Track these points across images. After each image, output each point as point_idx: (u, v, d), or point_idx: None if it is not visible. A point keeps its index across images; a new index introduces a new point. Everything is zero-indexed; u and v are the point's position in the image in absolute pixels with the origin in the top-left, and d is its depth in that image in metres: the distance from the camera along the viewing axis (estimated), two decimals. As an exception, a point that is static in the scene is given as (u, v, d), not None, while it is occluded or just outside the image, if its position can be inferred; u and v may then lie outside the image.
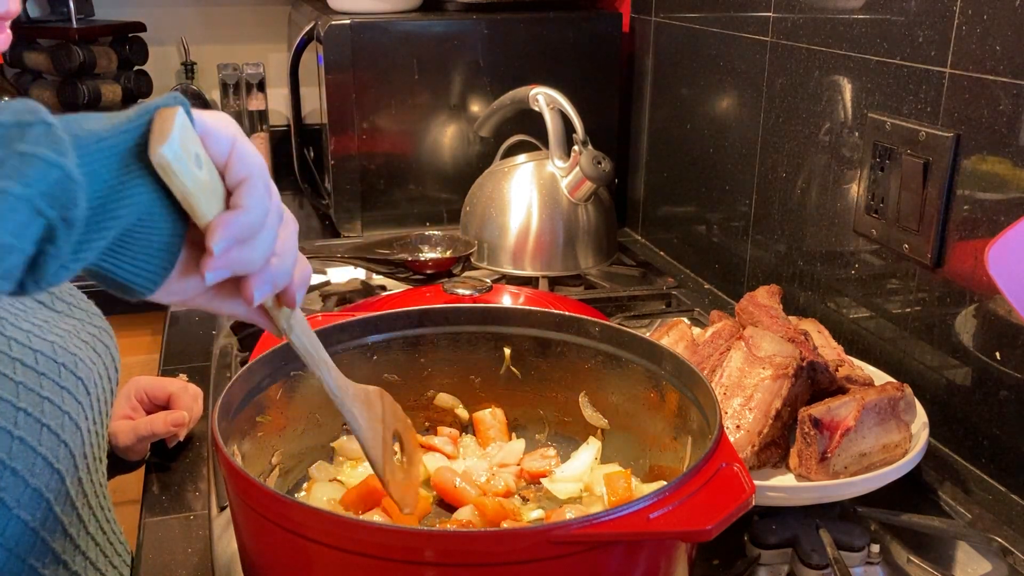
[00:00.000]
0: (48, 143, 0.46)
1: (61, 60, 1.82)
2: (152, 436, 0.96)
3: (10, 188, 0.44)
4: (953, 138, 0.97)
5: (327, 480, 0.87)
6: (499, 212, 1.51)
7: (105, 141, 0.49)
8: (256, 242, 0.55)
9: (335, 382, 0.69)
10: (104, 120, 0.50)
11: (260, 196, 0.55)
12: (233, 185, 0.55)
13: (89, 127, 0.49)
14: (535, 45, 1.69)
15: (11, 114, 0.47)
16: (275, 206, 0.57)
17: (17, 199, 0.45)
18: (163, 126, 0.50)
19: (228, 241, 0.53)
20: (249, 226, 0.54)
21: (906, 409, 0.91)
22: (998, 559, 0.86)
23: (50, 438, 0.73)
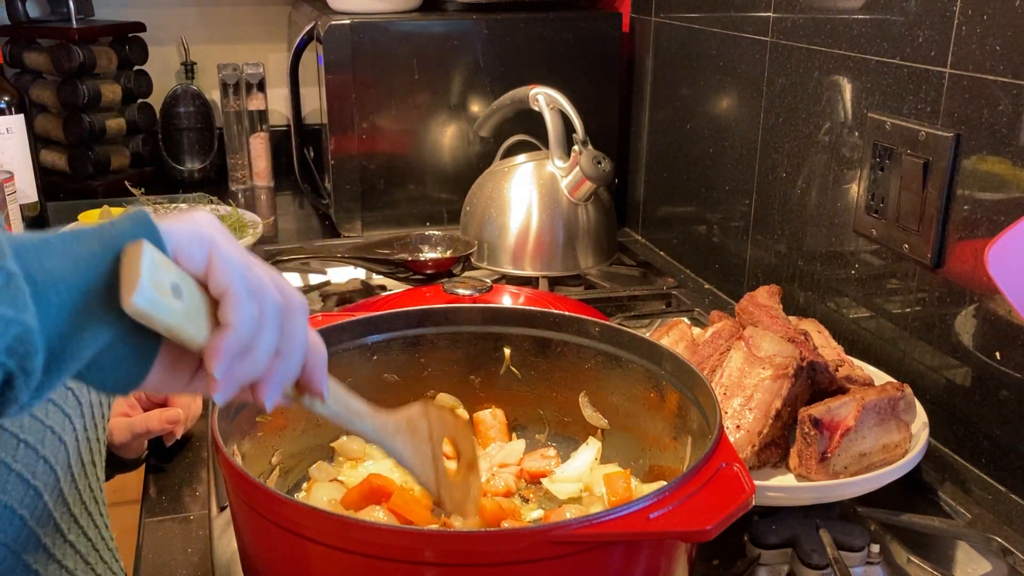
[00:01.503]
0: (8, 297, 0.45)
1: (61, 60, 1.82)
2: (147, 433, 0.96)
3: None
4: (953, 138, 0.97)
5: (327, 480, 0.87)
6: (499, 212, 1.51)
7: (64, 281, 0.47)
8: (255, 353, 0.54)
9: (373, 427, 0.67)
10: (65, 252, 0.48)
11: (246, 308, 0.53)
12: (217, 296, 0.53)
13: (49, 267, 0.47)
14: (535, 45, 1.69)
15: None
16: (272, 303, 0.55)
17: None
18: (131, 270, 0.48)
19: (227, 363, 0.53)
20: (241, 341, 0.53)
21: (906, 409, 0.91)
22: (998, 559, 0.86)
23: (27, 454, 0.72)
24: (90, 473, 0.82)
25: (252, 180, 2.09)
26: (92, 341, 0.49)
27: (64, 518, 0.77)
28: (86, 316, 0.48)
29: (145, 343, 0.52)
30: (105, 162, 1.94)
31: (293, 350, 0.57)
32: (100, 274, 0.49)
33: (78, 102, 1.83)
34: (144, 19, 1.99)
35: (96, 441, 0.83)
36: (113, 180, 1.92)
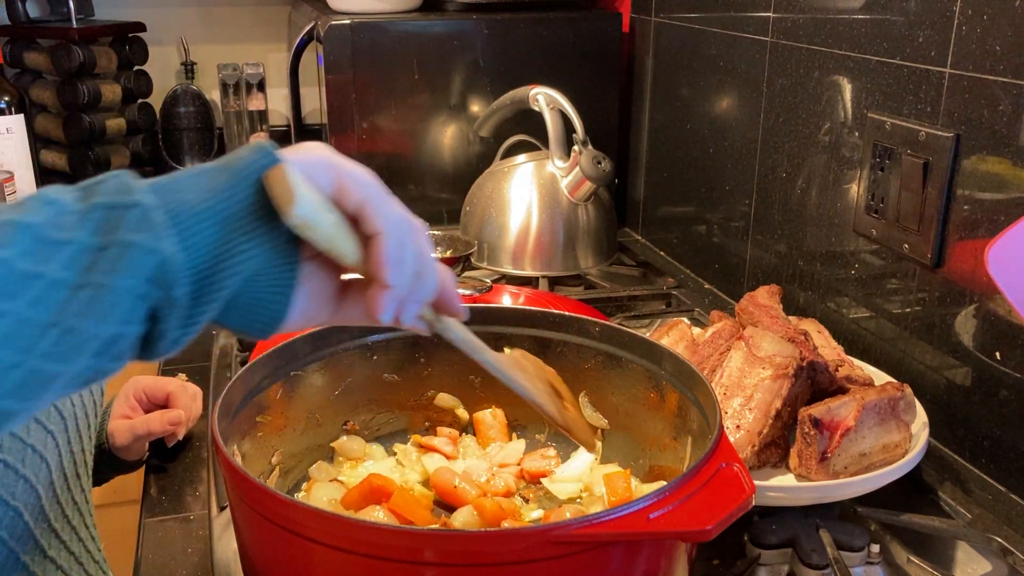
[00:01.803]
0: (146, 227, 0.46)
1: (61, 60, 1.82)
2: (149, 435, 0.96)
3: (112, 281, 0.45)
4: (953, 138, 0.97)
5: (327, 480, 0.87)
6: (499, 212, 1.51)
7: (203, 214, 0.48)
8: (404, 264, 0.54)
9: (495, 359, 0.68)
10: (198, 186, 0.49)
11: (389, 215, 0.53)
12: (355, 212, 0.53)
13: (184, 198, 0.49)
14: (535, 45, 1.69)
15: (107, 195, 0.47)
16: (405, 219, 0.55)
17: (120, 292, 0.46)
18: (283, 188, 0.49)
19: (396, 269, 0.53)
20: (397, 249, 0.53)
21: (906, 409, 0.91)
22: (998, 559, 0.86)
23: (6, 473, 0.71)
24: (74, 486, 0.81)
25: (252, 180, 2.08)
26: (237, 269, 0.49)
27: (45, 535, 0.76)
28: (228, 245, 0.49)
29: (286, 270, 0.52)
30: (105, 162, 1.94)
31: (428, 267, 0.57)
32: (239, 202, 0.49)
33: (78, 102, 1.83)
34: (144, 19, 1.99)
35: (81, 453, 0.82)
36: (113, 180, 1.92)
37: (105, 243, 0.46)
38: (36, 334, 0.44)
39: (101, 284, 0.45)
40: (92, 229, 0.46)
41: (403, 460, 0.91)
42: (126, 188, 0.48)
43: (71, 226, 0.46)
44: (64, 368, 0.46)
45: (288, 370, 0.84)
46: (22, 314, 0.43)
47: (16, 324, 0.43)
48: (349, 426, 0.92)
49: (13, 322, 0.43)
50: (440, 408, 0.96)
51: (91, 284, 0.45)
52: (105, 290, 0.45)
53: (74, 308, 0.45)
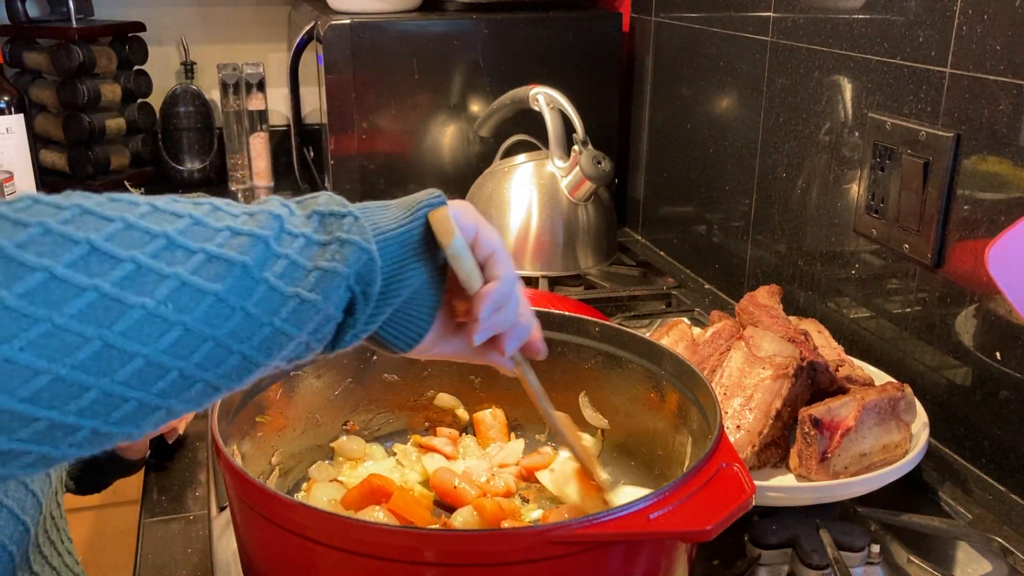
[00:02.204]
0: (359, 231, 0.57)
1: (61, 60, 1.82)
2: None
3: (339, 269, 0.55)
4: (953, 138, 0.97)
5: (327, 480, 0.87)
6: (499, 212, 1.51)
7: (391, 233, 0.60)
8: (509, 306, 0.65)
9: (554, 416, 0.77)
10: (385, 214, 0.61)
11: (508, 267, 0.65)
12: (483, 259, 0.64)
13: (377, 219, 0.60)
14: (535, 45, 1.69)
15: (325, 204, 0.58)
16: (515, 272, 0.67)
17: (341, 277, 0.55)
18: (445, 225, 0.61)
19: (491, 308, 0.64)
20: (504, 294, 0.64)
21: (906, 409, 0.91)
22: (998, 559, 0.86)
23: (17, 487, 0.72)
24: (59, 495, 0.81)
25: (252, 180, 2.09)
26: (409, 283, 0.60)
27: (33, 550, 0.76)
28: (405, 262, 0.60)
29: (435, 294, 0.63)
30: (105, 162, 1.94)
31: (526, 313, 0.69)
32: (415, 230, 0.61)
33: (78, 102, 1.83)
34: (144, 19, 1.99)
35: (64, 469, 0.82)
36: (113, 180, 1.92)
37: (327, 239, 0.56)
38: (280, 301, 0.52)
39: (327, 269, 0.54)
40: (316, 227, 0.56)
41: (403, 460, 0.91)
42: (338, 200, 0.59)
43: (300, 223, 0.55)
44: (297, 332, 0.54)
45: (288, 370, 0.84)
46: (274, 284, 0.52)
47: (268, 291, 0.52)
48: (349, 426, 0.92)
49: (265, 289, 0.51)
50: (440, 408, 0.96)
51: (320, 268, 0.54)
52: (331, 274, 0.54)
53: (308, 285, 0.54)
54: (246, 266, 0.51)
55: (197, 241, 0.50)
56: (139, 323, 0.46)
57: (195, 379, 0.50)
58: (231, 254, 0.51)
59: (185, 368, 0.49)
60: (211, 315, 0.49)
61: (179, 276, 0.48)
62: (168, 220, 0.50)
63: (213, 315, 0.49)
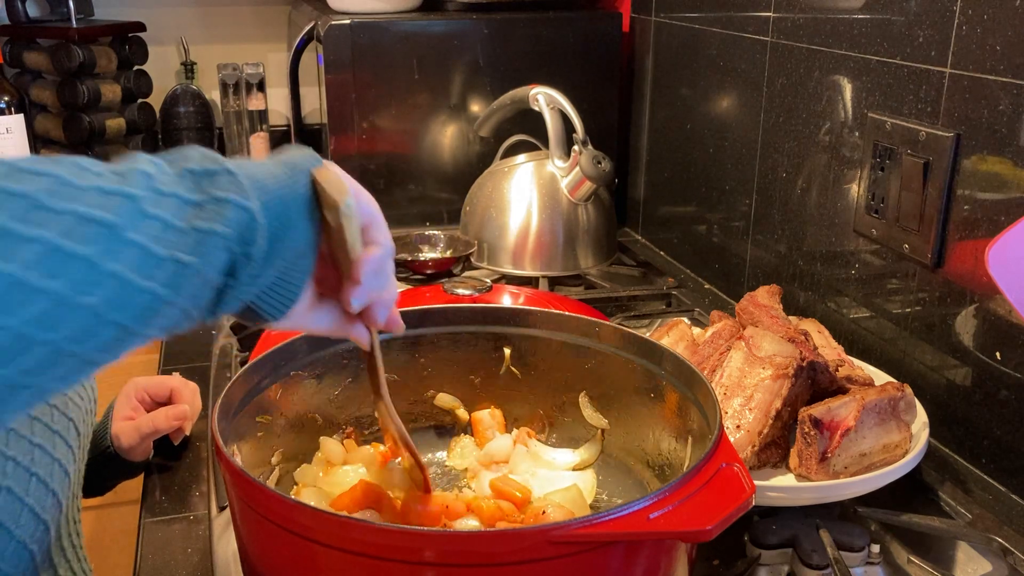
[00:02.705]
0: (237, 188, 0.53)
1: (61, 60, 1.82)
2: (155, 432, 0.96)
3: (217, 229, 0.52)
4: (953, 138, 0.97)
5: (312, 485, 0.86)
6: (499, 212, 1.51)
7: (274, 191, 0.56)
8: (386, 273, 0.65)
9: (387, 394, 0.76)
10: (263, 171, 0.57)
11: (386, 233, 0.64)
12: (364, 223, 0.62)
13: (257, 175, 0.56)
14: (535, 45, 1.69)
15: (196, 161, 0.54)
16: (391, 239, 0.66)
17: (221, 238, 0.52)
18: (337, 184, 0.58)
19: (373, 273, 0.62)
20: (383, 260, 0.63)
21: (906, 409, 0.91)
22: (998, 559, 0.86)
23: (38, 487, 0.72)
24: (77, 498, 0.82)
25: (252, 180, 2.08)
26: (293, 245, 0.57)
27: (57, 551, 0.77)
28: (290, 221, 0.56)
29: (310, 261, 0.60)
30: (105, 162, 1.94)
31: (394, 282, 0.67)
32: (299, 188, 0.58)
33: (78, 102, 1.83)
34: (144, 19, 1.99)
35: (81, 472, 0.83)
36: (113, 180, 1.92)
37: (203, 198, 0.52)
38: (155, 264, 0.49)
39: (206, 230, 0.51)
40: (188, 186, 0.52)
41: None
42: (212, 157, 0.54)
43: (171, 183, 0.51)
44: (174, 298, 0.50)
45: (288, 370, 0.84)
46: (148, 247, 0.48)
47: (141, 254, 0.48)
48: (346, 432, 0.92)
49: (138, 252, 0.48)
50: (440, 408, 0.96)
51: (197, 230, 0.51)
52: (209, 235, 0.51)
53: (185, 247, 0.50)
54: (116, 227, 0.47)
55: (63, 201, 0.46)
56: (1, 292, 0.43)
57: (65, 353, 0.46)
58: (100, 215, 0.47)
59: (55, 341, 0.45)
60: (81, 281, 0.45)
61: (45, 240, 0.44)
62: (30, 179, 0.46)
63: (83, 281, 0.45)
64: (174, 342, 1.30)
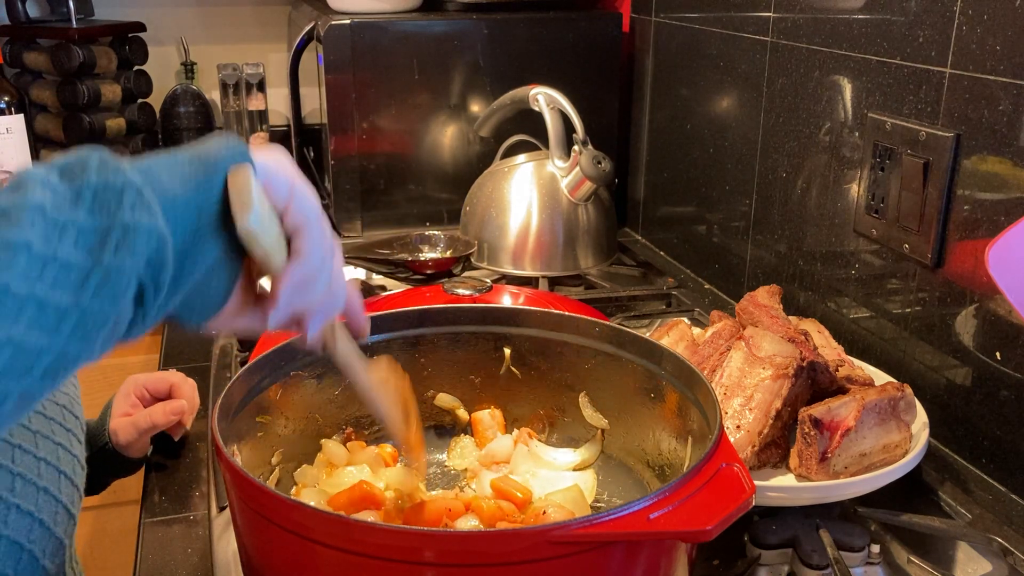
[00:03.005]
0: (144, 210, 0.47)
1: (61, 60, 1.82)
2: (152, 428, 0.96)
3: (122, 262, 0.46)
4: (953, 138, 0.97)
5: (313, 486, 0.86)
6: (499, 212, 1.51)
7: (180, 200, 0.50)
8: (314, 285, 0.59)
9: (368, 383, 0.72)
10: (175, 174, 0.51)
11: (318, 242, 0.57)
12: (292, 230, 0.57)
13: (166, 184, 0.50)
14: (535, 45, 1.69)
15: (96, 174, 0.47)
16: (329, 243, 0.59)
17: (128, 272, 0.47)
18: (242, 193, 0.52)
19: (292, 290, 0.57)
20: (309, 272, 0.57)
21: (906, 409, 0.91)
22: (998, 559, 0.86)
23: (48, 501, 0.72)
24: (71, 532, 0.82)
25: (252, 180, 2.08)
26: (204, 259, 0.52)
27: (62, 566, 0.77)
28: (200, 235, 0.51)
29: (232, 267, 0.55)
30: (105, 162, 1.94)
31: (339, 288, 0.61)
32: (210, 196, 0.52)
33: (78, 102, 1.83)
34: (144, 19, 1.99)
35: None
36: (113, 180, 1.92)
37: (106, 224, 0.46)
38: (57, 318, 0.44)
39: (111, 265, 0.46)
40: (89, 209, 0.46)
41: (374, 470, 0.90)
42: (113, 168, 0.48)
43: (67, 208, 0.46)
44: (82, 349, 0.46)
45: (288, 370, 0.84)
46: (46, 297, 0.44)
47: (39, 308, 0.44)
48: (347, 433, 0.92)
49: (36, 306, 0.43)
50: (440, 408, 0.96)
51: (101, 265, 0.46)
52: (115, 272, 0.46)
53: (89, 291, 0.45)
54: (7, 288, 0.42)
55: None
56: None
57: None
58: None
59: None
60: None
61: None
62: None
63: None
64: (174, 342, 1.30)
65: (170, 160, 0.52)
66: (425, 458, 0.81)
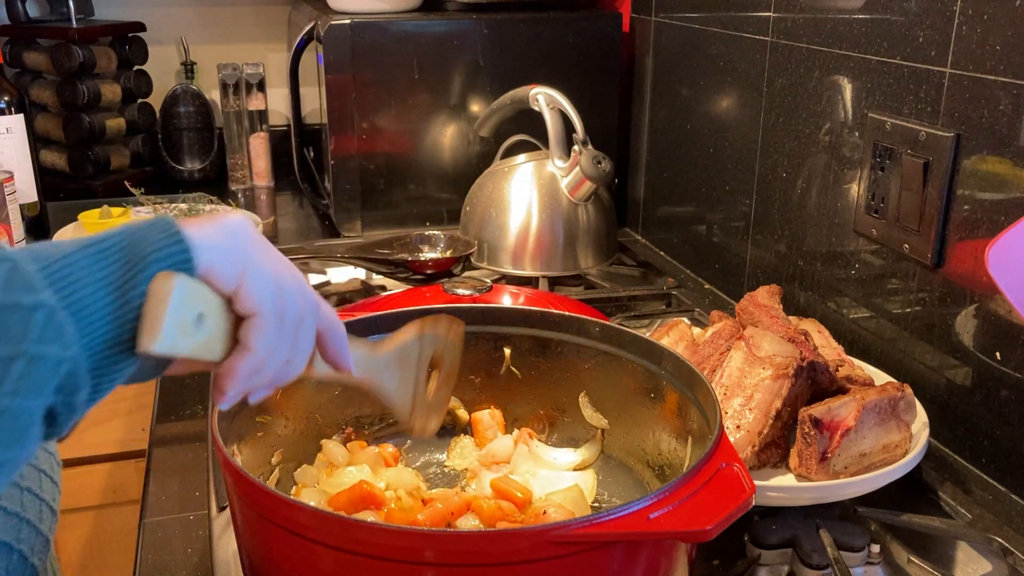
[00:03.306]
0: (54, 333, 0.43)
1: (61, 60, 1.82)
2: None
3: (22, 403, 0.43)
4: (953, 138, 0.97)
5: (313, 486, 0.86)
6: (499, 212, 1.51)
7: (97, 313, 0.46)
8: (265, 371, 0.55)
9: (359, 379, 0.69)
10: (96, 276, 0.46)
11: (270, 334, 0.53)
12: (243, 315, 0.52)
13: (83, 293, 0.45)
14: (535, 45, 1.69)
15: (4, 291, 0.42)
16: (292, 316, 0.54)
17: (32, 414, 0.43)
18: (155, 312, 0.47)
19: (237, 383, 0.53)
20: (257, 364, 0.53)
21: (906, 409, 0.91)
22: (998, 559, 0.86)
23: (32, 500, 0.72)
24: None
25: (252, 180, 2.09)
26: (127, 368, 0.48)
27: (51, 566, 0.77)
28: (122, 347, 0.47)
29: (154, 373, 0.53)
30: (105, 162, 1.94)
31: (299, 356, 0.57)
32: (131, 303, 0.47)
33: (78, 102, 1.83)
34: (144, 19, 1.99)
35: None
36: (113, 180, 1.93)
37: (11, 353, 0.42)
38: None
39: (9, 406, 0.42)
40: None
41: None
42: (23, 283, 0.43)
43: None
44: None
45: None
46: None
47: None
48: (347, 433, 0.92)
49: None
50: (440, 408, 0.96)
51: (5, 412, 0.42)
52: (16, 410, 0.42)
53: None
54: None
55: None
56: None
57: None
58: None
59: None
60: None
61: None
62: None
63: None
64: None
65: (95, 254, 0.46)
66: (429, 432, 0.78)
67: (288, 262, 0.56)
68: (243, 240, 0.52)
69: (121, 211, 1.64)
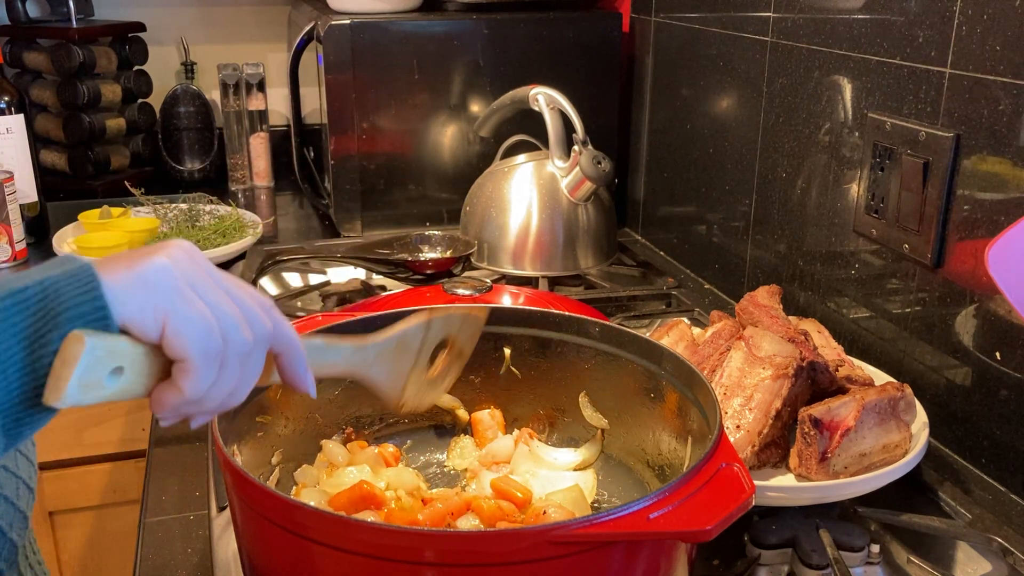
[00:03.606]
0: None
1: (61, 60, 1.82)
2: None
3: None
4: (953, 138, 0.97)
5: (313, 486, 0.86)
6: (499, 212, 1.51)
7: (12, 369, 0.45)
8: (203, 402, 0.54)
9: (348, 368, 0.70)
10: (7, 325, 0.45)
11: (198, 379, 0.51)
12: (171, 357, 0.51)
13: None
14: (535, 45, 1.69)
15: None
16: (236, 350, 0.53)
17: None
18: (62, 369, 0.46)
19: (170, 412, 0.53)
20: (189, 400, 0.52)
21: (906, 409, 0.91)
22: (998, 559, 0.86)
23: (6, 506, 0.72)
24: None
25: (252, 180, 2.09)
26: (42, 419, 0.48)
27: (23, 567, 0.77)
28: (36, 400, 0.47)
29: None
30: (105, 162, 1.94)
31: (244, 386, 0.56)
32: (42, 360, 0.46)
33: (78, 102, 1.83)
34: (144, 19, 1.99)
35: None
36: (113, 180, 1.93)
37: None
38: None
39: None
40: None
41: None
42: None
43: None
44: None
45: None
46: None
47: None
48: (347, 433, 0.92)
49: None
50: (440, 408, 0.96)
51: None
52: None
53: None
54: None
55: None
56: None
57: None
58: None
59: None
60: None
61: None
62: None
63: None
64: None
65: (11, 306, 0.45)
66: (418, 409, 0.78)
67: (236, 290, 0.55)
68: (163, 286, 0.50)
69: (121, 211, 1.64)
